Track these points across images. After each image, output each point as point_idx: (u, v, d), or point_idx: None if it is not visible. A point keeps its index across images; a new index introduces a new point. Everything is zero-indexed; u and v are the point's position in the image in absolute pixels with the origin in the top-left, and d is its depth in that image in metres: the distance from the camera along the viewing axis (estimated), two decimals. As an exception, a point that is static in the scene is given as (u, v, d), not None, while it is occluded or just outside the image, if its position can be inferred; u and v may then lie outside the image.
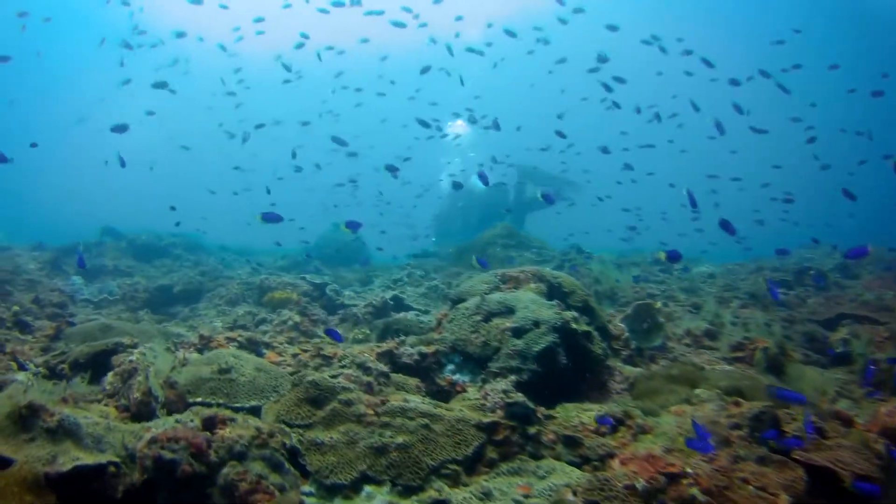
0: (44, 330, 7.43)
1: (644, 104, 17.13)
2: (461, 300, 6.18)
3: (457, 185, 12.88)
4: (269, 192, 16.63)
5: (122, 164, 11.38)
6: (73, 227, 20.84)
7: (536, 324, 5.18)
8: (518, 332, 5.19)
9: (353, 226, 8.02)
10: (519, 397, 4.55)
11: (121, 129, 12.09)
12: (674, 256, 7.00)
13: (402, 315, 9.09)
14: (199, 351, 6.15)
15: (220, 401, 4.73)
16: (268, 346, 6.59)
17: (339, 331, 8.77)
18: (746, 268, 13.05)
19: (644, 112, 16.83)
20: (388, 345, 5.61)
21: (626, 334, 6.46)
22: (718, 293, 10.23)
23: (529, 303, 5.48)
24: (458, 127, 26.12)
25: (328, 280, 12.98)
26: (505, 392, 4.64)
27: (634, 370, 5.91)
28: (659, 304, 6.84)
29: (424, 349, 5.50)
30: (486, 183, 12.04)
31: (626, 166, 17.21)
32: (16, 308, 7.90)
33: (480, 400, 4.73)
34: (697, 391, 4.95)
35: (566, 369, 5.12)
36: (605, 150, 13.48)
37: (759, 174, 21.28)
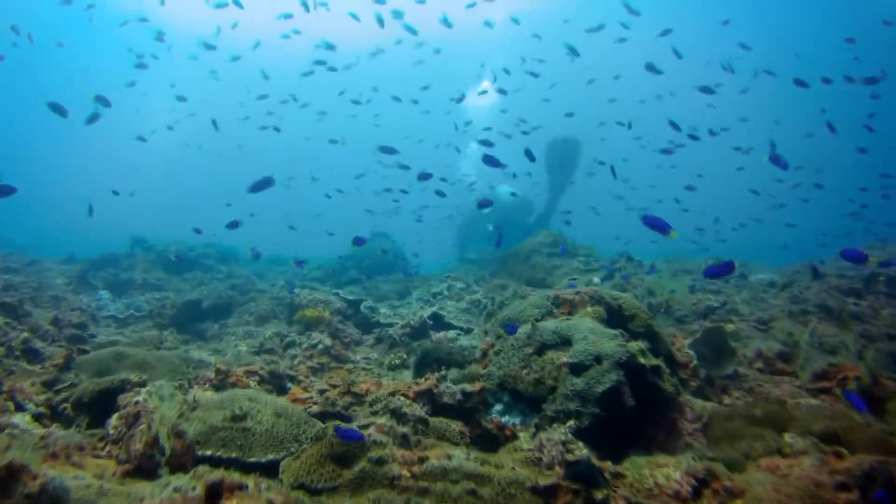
0: (54, 358, 6.87)
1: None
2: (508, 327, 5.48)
3: (483, 204, 12.31)
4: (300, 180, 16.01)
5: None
6: (104, 238, 20.51)
7: (598, 359, 4.44)
8: (577, 369, 4.46)
9: (359, 241, 7.60)
10: (582, 452, 3.82)
11: (93, 119, 11.49)
12: (725, 269, 5.81)
13: (441, 336, 8.41)
14: (216, 388, 5.52)
15: (233, 454, 4.09)
16: (292, 379, 5.95)
17: (374, 353, 8.15)
18: (807, 274, 12.12)
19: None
20: (426, 382, 4.92)
21: (695, 362, 5.69)
22: (785, 305, 9.37)
23: (588, 332, 4.74)
24: (485, 86, 25.82)
25: (362, 295, 12.38)
26: (564, 444, 3.92)
27: (706, 405, 5.15)
28: (731, 327, 6.05)
29: (468, 387, 4.80)
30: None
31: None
32: (26, 334, 7.35)
33: (535, 452, 4.02)
34: (787, 437, 4.20)
35: (632, 411, 4.38)
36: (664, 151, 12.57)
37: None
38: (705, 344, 5.89)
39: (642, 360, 4.53)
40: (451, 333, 8.67)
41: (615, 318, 5.54)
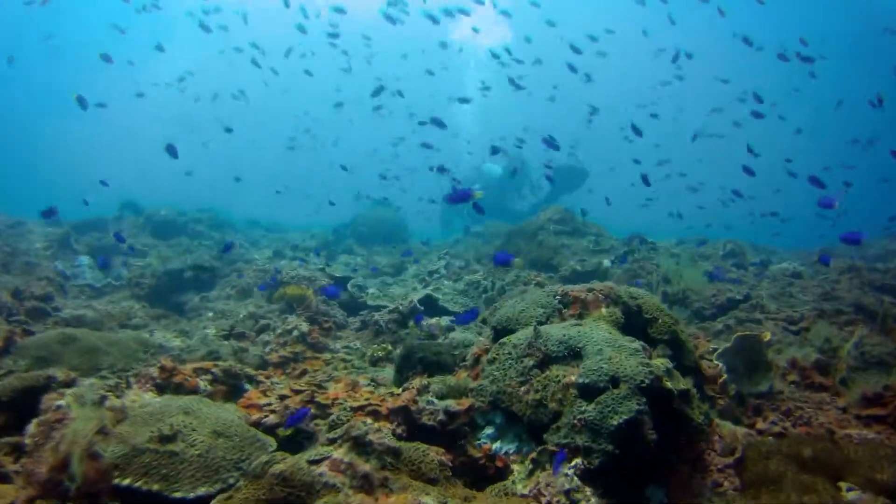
0: (-8, 341, 6.05)
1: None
2: (507, 330, 4.60)
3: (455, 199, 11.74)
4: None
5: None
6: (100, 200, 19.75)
7: (615, 381, 3.56)
8: (588, 392, 3.60)
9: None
10: (591, 508, 2.99)
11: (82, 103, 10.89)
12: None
13: (434, 322, 7.56)
14: (160, 388, 4.68)
15: (155, 487, 3.27)
16: (251, 379, 5.09)
17: (358, 342, 7.34)
18: (836, 266, 11.22)
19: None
20: (404, 396, 4.07)
21: (724, 376, 4.82)
22: (816, 302, 8.48)
23: (603, 343, 3.87)
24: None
25: (361, 263, 11.58)
26: (568, 495, 3.10)
27: (739, 433, 4.30)
28: (768, 335, 5.17)
29: (454, 405, 3.94)
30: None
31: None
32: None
33: (531, 501, 3.20)
34: (845, 489, 3.36)
35: (654, 445, 3.54)
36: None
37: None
38: (737, 355, 5.02)
39: (669, 384, 3.66)
40: (445, 321, 7.81)
41: (633, 320, 4.68)
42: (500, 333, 4.60)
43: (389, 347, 6.68)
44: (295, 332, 6.96)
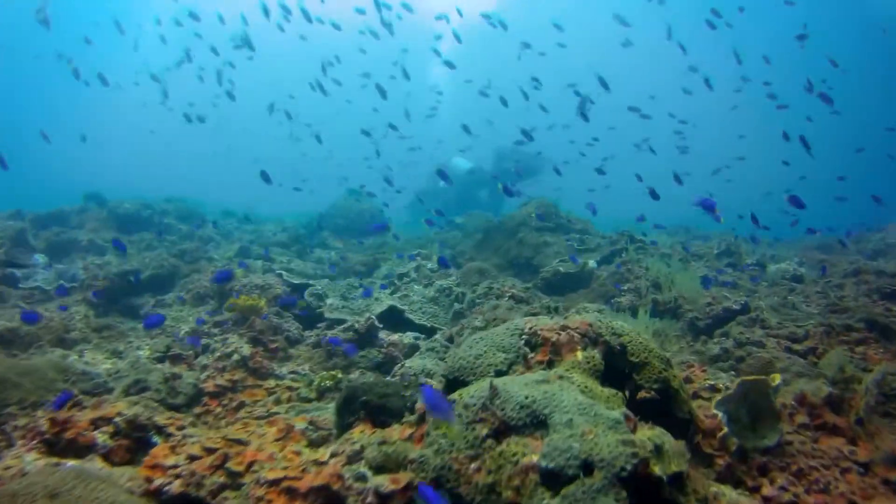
0: None
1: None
2: (458, 381, 3.78)
3: (441, 174, 11.33)
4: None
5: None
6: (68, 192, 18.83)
7: (587, 466, 2.75)
8: (552, 480, 2.78)
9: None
10: None
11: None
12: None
13: (395, 339, 6.74)
14: (49, 446, 3.87)
15: None
16: (162, 431, 4.26)
17: (307, 365, 6.54)
18: (840, 268, 10.44)
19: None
20: (327, 471, 3.27)
21: (725, 429, 4.02)
22: (821, 313, 7.68)
23: (575, 411, 3.05)
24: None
25: (335, 260, 10.77)
26: None
27: (741, 501, 3.54)
28: (777, 378, 4.37)
29: (387, 485, 3.13)
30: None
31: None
32: None
33: None
34: None
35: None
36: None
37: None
38: (740, 403, 4.23)
39: (657, 469, 2.85)
40: (409, 338, 7.00)
41: (616, 362, 3.87)
42: (451, 385, 3.78)
43: (339, 375, 5.85)
44: (235, 357, 6.10)
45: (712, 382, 4.89)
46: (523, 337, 3.94)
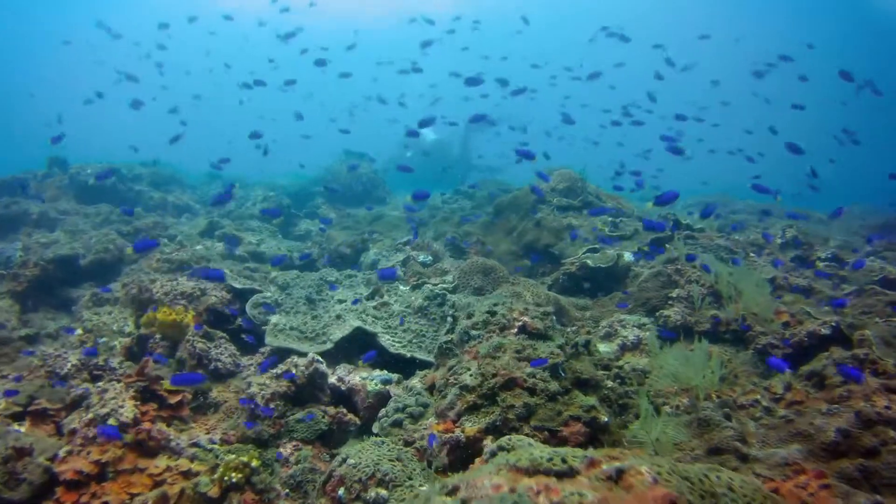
0: None
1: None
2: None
3: (412, 133, 9.72)
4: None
5: None
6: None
7: None
8: None
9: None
10: None
11: None
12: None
13: (358, 385, 4.75)
14: None
15: None
16: None
17: (223, 427, 4.61)
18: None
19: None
20: None
21: None
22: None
23: None
24: None
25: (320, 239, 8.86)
26: None
27: None
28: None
29: None
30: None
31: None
32: None
33: None
34: None
35: None
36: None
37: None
38: None
39: None
40: (374, 384, 4.94)
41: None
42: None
43: (254, 462, 3.87)
44: (109, 422, 4.16)
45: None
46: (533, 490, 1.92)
